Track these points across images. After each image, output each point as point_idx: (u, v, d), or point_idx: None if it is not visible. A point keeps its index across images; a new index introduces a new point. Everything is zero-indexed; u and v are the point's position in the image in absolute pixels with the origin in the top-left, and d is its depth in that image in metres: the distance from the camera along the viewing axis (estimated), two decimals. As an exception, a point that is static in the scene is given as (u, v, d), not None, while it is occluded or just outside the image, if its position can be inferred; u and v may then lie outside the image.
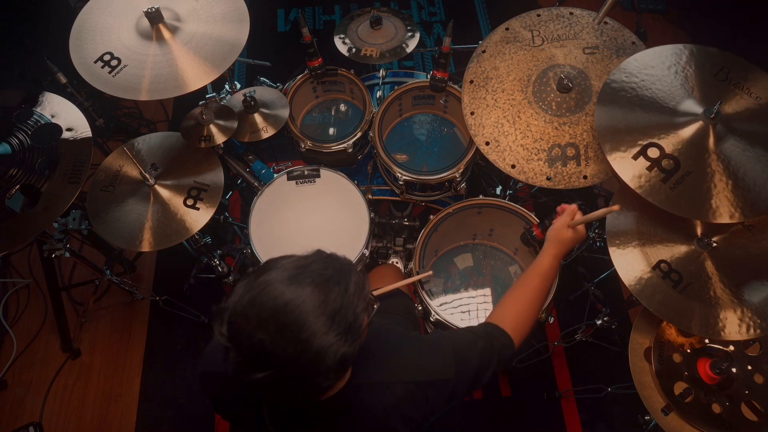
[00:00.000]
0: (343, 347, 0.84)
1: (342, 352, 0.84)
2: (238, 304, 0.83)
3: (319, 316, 0.82)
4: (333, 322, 0.83)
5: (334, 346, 0.83)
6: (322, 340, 0.82)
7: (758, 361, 1.52)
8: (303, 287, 0.83)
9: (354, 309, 0.87)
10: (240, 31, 1.76)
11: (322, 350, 0.82)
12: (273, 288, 0.83)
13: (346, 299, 0.86)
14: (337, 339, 0.83)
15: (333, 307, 0.84)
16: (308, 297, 0.82)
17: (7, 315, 2.54)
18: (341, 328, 0.84)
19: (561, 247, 1.32)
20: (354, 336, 0.87)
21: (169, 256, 2.43)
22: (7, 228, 1.63)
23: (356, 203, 1.87)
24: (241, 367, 0.83)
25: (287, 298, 0.82)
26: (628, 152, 1.40)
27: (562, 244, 1.32)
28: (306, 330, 0.81)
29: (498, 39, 1.76)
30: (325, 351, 0.82)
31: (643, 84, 1.48)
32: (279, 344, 0.80)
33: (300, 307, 0.81)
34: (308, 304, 0.82)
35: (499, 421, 2.23)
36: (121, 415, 2.32)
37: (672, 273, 1.45)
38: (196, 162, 1.84)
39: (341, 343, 0.84)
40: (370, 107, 1.98)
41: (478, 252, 2.00)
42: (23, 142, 1.74)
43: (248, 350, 0.81)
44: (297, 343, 0.81)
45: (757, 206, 1.33)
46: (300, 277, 0.84)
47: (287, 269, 0.86)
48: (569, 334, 2.16)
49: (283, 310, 0.81)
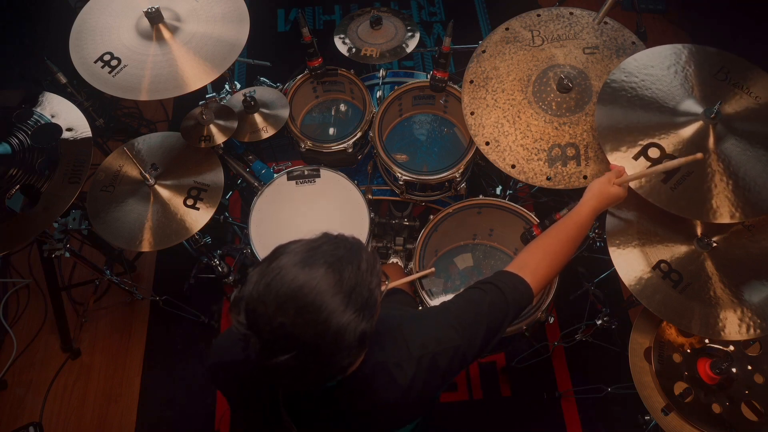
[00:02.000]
0: (362, 324, 0.85)
1: (361, 328, 0.85)
2: (254, 292, 0.84)
3: (335, 295, 0.83)
4: (350, 299, 0.84)
5: (353, 323, 0.83)
6: (341, 318, 0.82)
7: (758, 361, 1.52)
8: (316, 269, 0.84)
9: (368, 285, 0.88)
10: (240, 31, 1.76)
11: (342, 328, 0.83)
12: (287, 272, 0.84)
13: (360, 276, 0.87)
14: (355, 316, 0.84)
15: (348, 285, 0.84)
16: (322, 277, 0.83)
17: (7, 315, 2.54)
18: (358, 305, 0.85)
19: (602, 201, 1.30)
20: (371, 312, 0.88)
21: (169, 256, 2.43)
22: (7, 228, 1.63)
23: (356, 203, 1.87)
24: (264, 353, 0.83)
25: (302, 280, 0.82)
26: (629, 152, 1.40)
27: (604, 199, 1.30)
28: (324, 310, 0.81)
29: (498, 39, 1.76)
30: (344, 328, 0.83)
31: (643, 84, 1.48)
32: (299, 326, 0.81)
33: (316, 288, 0.82)
34: (323, 284, 0.82)
35: (499, 421, 2.23)
36: (121, 415, 2.32)
37: (672, 273, 1.45)
38: (196, 162, 1.84)
39: (359, 319, 0.84)
40: (370, 107, 1.98)
41: (478, 252, 2.00)
42: (23, 142, 1.74)
43: (269, 335, 0.82)
44: (317, 324, 0.81)
45: (758, 206, 1.33)
46: (312, 259, 0.85)
47: (298, 253, 0.87)
48: (569, 334, 2.16)
49: (299, 293, 0.82)
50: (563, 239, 1.25)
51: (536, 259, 1.20)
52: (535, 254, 1.22)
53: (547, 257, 1.22)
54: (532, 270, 1.17)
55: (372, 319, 0.88)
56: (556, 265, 1.23)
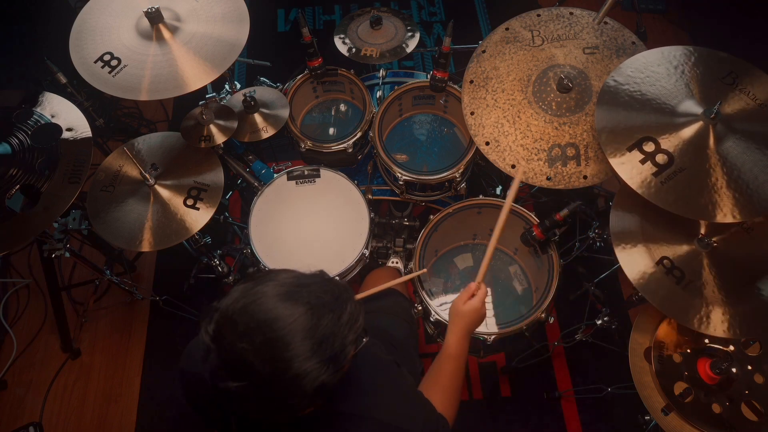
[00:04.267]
0: (323, 375, 0.83)
1: (321, 380, 0.83)
2: (229, 309, 0.83)
3: (305, 339, 0.81)
4: (319, 348, 0.82)
5: (314, 373, 0.81)
6: (303, 364, 0.81)
7: (758, 361, 1.52)
8: (297, 306, 0.82)
9: (343, 339, 0.86)
10: (240, 31, 1.76)
11: (302, 374, 0.81)
12: (267, 300, 0.82)
13: (337, 328, 0.85)
14: (319, 366, 0.82)
15: (322, 333, 0.83)
16: (300, 317, 0.81)
17: (7, 315, 2.54)
18: (325, 356, 0.83)
19: (461, 320, 1.27)
20: (337, 366, 0.85)
21: (169, 256, 2.42)
22: (7, 228, 1.63)
23: (356, 203, 1.87)
24: (218, 372, 0.82)
25: (278, 313, 0.81)
26: (627, 152, 1.40)
27: (461, 318, 1.27)
28: (290, 350, 0.80)
29: (498, 39, 1.76)
30: (304, 375, 0.81)
31: (643, 84, 1.48)
32: (260, 358, 0.80)
33: (290, 326, 0.80)
34: (298, 324, 0.81)
35: (499, 421, 2.23)
36: (121, 415, 2.32)
37: (674, 270, 1.45)
38: (196, 162, 1.84)
39: (322, 371, 0.82)
40: (370, 107, 1.98)
41: (478, 252, 2.00)
42: (23, 142, 1.74)
43: (228, 356, 0.81)
44: (277, 361, 0.80)
45: (758, 206, 1.33)
46: (296, 295, 0.84)
47: (286, 284, 0.86)
48: (569, 334, 2.16)
49: (271, 325, 0.80)
50: (443, 377, 1.24)
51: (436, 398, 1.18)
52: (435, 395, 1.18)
53: (442, 396, 1.20)
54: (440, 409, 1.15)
55: (337, 373, 0.86)
56: (451, 398, 1.22)
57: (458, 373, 1.25)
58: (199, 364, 1.06)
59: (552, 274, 1.68)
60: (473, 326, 1.29)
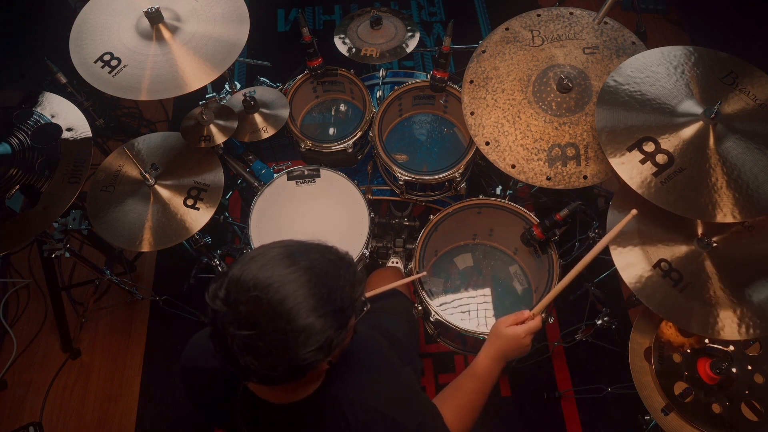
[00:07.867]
0: (330, 330, 0.86)
1: (328, 334, 0.86)
2: (237, 271, 0.86)
3: (310, 296, 0.85)
4: (324, 302, 0.86)
5: (319, 325, 0.85)
6: (309, 315, 0.84)
7: (758, 361, 1.51)
8: (301, 266, 0.86)
9: (345, 296, 0.90)
10: (240, 31, 1.76)
11: (308, 326, 0.84)
12: (273, 260, 0.87)
13: (340, 283, 0.89)
14: (324, 320, 0.85)
15: (327, 287, 0.87)
16: (303, 275, 0.85)
17: (7, 315, 2.54)
18: (330, 310, 0.86)
19: (497, 342, 1.21)
20: (341, 323, 0.89)
21: (169, 256, 2.43)
22: (7, 228, 1.63)
23: (356, 203, 1.87)
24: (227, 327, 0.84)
25: (284, 271, 0.85)
26: (627, 153, 1.40)
27: (497, 339, 1.21)
28: (297, 303, 0.84)
29: (498, 39, 1.76)
30: (311, 326, 0.84)
31: (643, 84, 1.48)
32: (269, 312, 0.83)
33: (294, 283, 0.84)
34: (302, 281, 0.85)
35: (499, 421, 2.23)
36: (121, 415, 2.32)
37: (672, 272, 1.45)
38: (196, 162, 1.84)
39: (328, 325, 0.86)
40: (370, 107, 1.98)
41: (478, 252, 2.00)
42: (23, 142, 1.74)
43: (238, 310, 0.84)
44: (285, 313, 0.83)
45: (759, 206, 1.33)
46: (300, 257, 0.88)
47: (290, 247, 0.91)
48: (569, 334, 2.16)
49: (277, 282, 0.84)
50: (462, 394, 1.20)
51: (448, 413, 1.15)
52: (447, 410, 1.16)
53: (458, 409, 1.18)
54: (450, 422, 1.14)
55: (341, 331, 0.89)
56: (465, 418, 1.18)
57: (478, 395, 1.20)
58: (200, 359, 1.09)
59: (552, 274, 1.68)
60: (510, 353, 1.22)
